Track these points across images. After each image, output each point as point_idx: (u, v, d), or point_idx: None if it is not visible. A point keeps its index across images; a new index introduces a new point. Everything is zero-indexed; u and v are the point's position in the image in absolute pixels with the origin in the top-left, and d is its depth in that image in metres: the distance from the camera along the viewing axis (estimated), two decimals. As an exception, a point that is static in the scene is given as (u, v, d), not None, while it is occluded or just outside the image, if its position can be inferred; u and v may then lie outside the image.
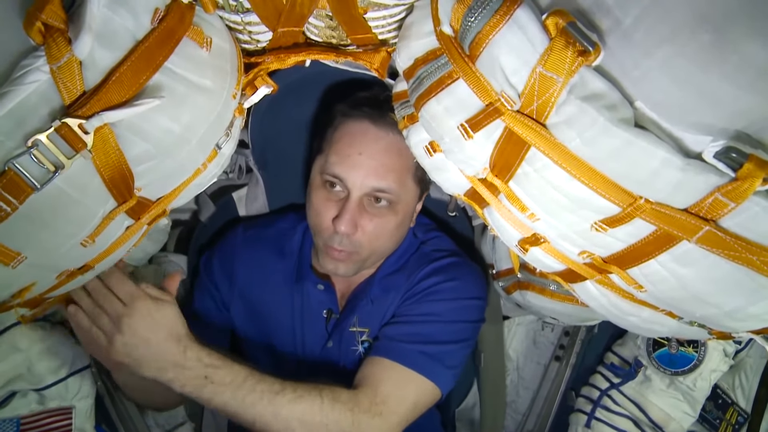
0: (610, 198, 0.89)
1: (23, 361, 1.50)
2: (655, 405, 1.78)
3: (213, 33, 1.03)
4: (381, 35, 1.17)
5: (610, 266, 1.04)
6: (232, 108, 1.12)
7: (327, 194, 1.39)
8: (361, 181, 1.34)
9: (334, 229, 1.37)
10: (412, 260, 1.58)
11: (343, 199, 1.37)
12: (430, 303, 1.49)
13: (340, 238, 1.37)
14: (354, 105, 1.40)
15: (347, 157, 1.35)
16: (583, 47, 0.81)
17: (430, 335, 1.44)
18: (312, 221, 1.44)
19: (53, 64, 0.84)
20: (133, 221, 1.11)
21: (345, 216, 1.34)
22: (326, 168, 1.37)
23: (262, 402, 1.22)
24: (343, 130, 1.39)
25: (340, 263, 1.43)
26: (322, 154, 1.41)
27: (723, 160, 0.81)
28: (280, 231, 1.63)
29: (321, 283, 1.55)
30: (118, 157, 0.93)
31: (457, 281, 1.52)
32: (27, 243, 0.96)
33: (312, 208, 1.42)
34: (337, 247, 1.39)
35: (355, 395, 1.32)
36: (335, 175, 1.35)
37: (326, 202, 1.39)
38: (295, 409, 1.23)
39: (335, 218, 1.36)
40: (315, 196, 1.41)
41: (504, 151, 0.97)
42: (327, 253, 1.42)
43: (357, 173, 1.34)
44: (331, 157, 1.36)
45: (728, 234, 0.85)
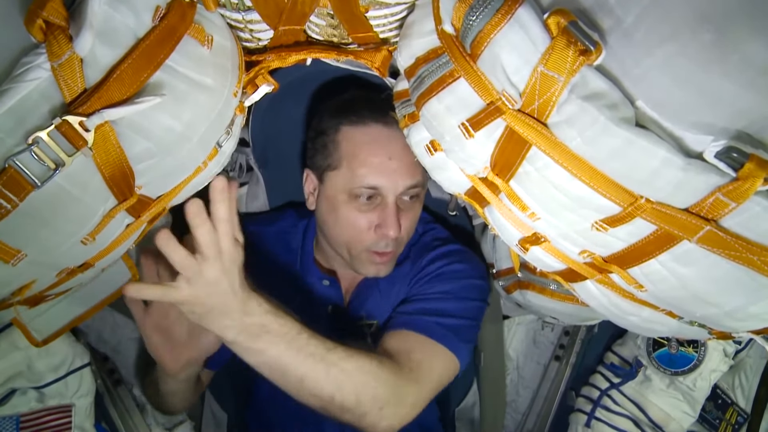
0: (610, 197, 0.89)
1: (23, 359, 1.50)
2: (655, 405, 1.78)
3: (214, 31, 1.03)
4: (382, 34, 1.17)
5: (611, 266, 1.04)
6: (232, 106, 1.12)
7: (359, 206, 1.38)
8: (396, 184, 1.35)
9: (379, 236, 1.38)
10: (414, 250, 1.60)
11: (379, 205, 1.37)
12: (440, 283, 1.52)
13: (387, 242, 1.39)
14: (355, 112, 1.39)
15: (379, 165, 1.34)
16: (585, 46, 0.81)
17: (445, 310, 1.45)
18: (343, 236, 1.43)
19: (54, 62, 0.84)
20: (134, 219, 1.10)
21: (391, 220, 1.35)
22: (356, 182, 1.35)
23: (315, 357, 1.15)
24: (357, 140, 1.37)
25: (384, 265, 1.45)
26: (338, 170, 1.39)
27: (724, 159, 0.81)
28: (281, 229, 1.63)
29: (326, 279, 1.55)
30: (119, 155, 0.93)
31: (462, 264, 1.56)
32: (27, 241, 0.96)
33: (346, 224, 1.41)
34: (384, 250, 1.41)
35: (394, 361, 1.29)
36: (371, 186, 1.35)
37: (361, 214, 1.38)
38: (346, 367, 1.18)
39: (377, 226, 1.37)
40: (347, 212, 1.39)
41: (505, 150, 0.97)
42: (371, 259, 1.43)
43: (393, 178, 1.35)
44: (360, 170, 1.35)
45: (729, 234, 0.85)
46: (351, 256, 1.45)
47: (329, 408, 1.19)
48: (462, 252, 1.61)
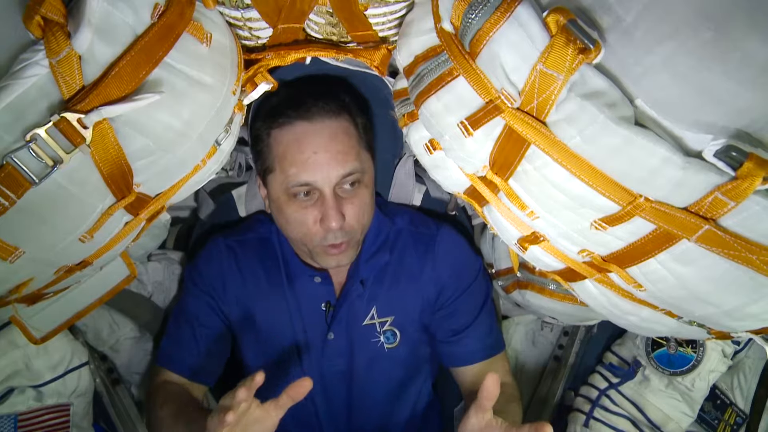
0: (609, 196, 0.89)
1: (21, 358, 1.50)
2: (653, 405, 1.78)
3: (213, 29, 1.03)
4: (381, 32, 1.17)
5: (610, 265, 1.04)
6: (231, 104, 1.12)
7: (300, 204, 1.38)
8: (328, 176, 1.35)
9: (324, 229, 1.38)
10: (402, 239, 1.61)
11: (318, 199, 1.37)
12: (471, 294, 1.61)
13: (334, 233, 1.38)
14: (276, 114, 1.39)
15: (305, 161, 1.34)
16: (584, 45, 0.81)
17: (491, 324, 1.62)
18: (295, 234, 1.43)
19: (52, 58, 0.84)
20: (132, 217, 1.10)
21: (330, 213, 1.35)
22: (290, 181, 1.36)
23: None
24: (283, 142, 1.37)
25: (341, 255, 1.44)
26: (274, 173, 1.40)
27: (723, 158, 0.81)
28: (260, 235, 1.63)
29: (318, 275, 1.55)
30: (117, 153, 0.93)
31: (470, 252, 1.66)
32: (25, 238, 0.96)
33: (291, 222, 1.41)
34: (333, 242, 1.40)
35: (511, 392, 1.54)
36: (303, 183, 1.35)
37: (303, 211, 1.38)
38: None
39: (321, 220, 1.37)
40: (289, 211, 1.40)
41: (504, 149, 0.97)
42: (326, 252, 1.42)
43: (321, 171, 1.34)
44: (290, 170, 1.35)
45: (728, 233, 0.85)
46: (309, 251, 1.46)
47: None
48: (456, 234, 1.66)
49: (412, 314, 1.58)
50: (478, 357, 1.58)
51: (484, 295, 1.63)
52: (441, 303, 1.59)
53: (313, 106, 1.36)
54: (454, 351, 1.59)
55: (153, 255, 1.87)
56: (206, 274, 1.59)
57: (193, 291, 1.59)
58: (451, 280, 1.59)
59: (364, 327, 1.56)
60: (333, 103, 1.40)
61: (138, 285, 1.86)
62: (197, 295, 1.58)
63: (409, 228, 1.63)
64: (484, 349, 1.58)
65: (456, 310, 1.59)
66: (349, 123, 1.41)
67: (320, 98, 1.38)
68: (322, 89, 1.42)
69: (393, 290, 1.57)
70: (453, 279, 1.59)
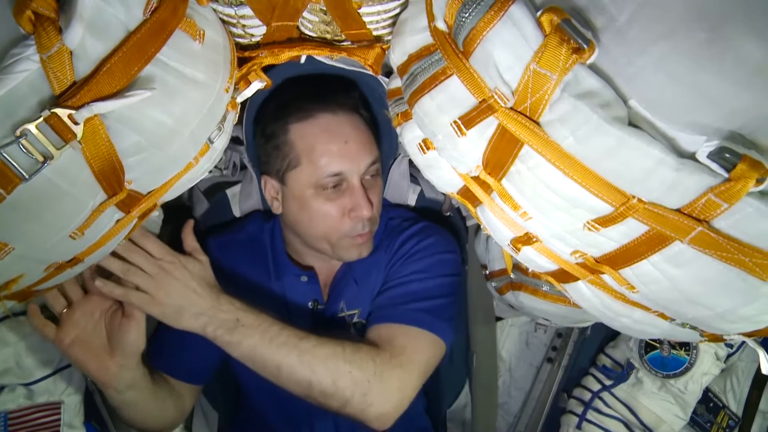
0: (603, 197, 0.89)
1: (12, 356, 1.49)
2: (646, 407, 1.79)
3: (206, 26, 1.02)
4: (375, 31, 1.17)
5: (603, 266, 1.03)
6: (224, 102, 1.11)
7: (328, 196, 1.39)
8: (358, 165, 1.38)
9: (354, 219, 1.40)
10: (384, 236, 1.61)
11: (346, 191, 1.39)
12: (412, 263, 1.53)
13: (363, 222, 1.41)
14: (299, 107, 1.40)
15: (338, 151, 1.37)
16: (578, 44, 0.80)
17: (421, 292, 1.47)
18: (319, 230, 1.44)
19: (43, 54, 0.83)
20: (124, 215, 1.09)
21: (362, 202, 1.38)
22: (320, 173, 1.37)
23: (288, 345, 1.28)
24: (309, 133, 1.38)
25: (364, 246, 1.47)
26: (299, 167, 1.40)
27: (716, 160, 0.80)
28: (250, 234, 1.63)
29: (304, 274, 1.55)
30: (109, 149, 0.92)
31: (431, 238, 1.57)
32: (15, 234, 0.95)
33: (315, 217, 1.42)
34: (363, 232, 1.43)
35: (375, 347, 1.36)
36: (336, 173, 1.37)
37: (330, 203, 1.39)
38: (318, 353, 1.28)
39: (350, 210, 1.39)
40: (318, 205, 1.40)
41: (497, 149, 0.97)
42: (353, 242, 1.44)
43: (354, 160, 1.38)
44: (321, 161, 1.36)
45: (721, 235, 0.85)
46: (332, 246, 1.45)
47: (312, 395, 1.29)
48: (430, 227, 1.62)
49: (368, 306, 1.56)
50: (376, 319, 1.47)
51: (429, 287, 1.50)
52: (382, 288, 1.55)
53: (332, 100, 1.40)
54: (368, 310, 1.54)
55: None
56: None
57: None
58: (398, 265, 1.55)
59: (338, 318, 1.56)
60: (347, 97, 1.44)
61: (131, 283, 1.84)
62: None
63: (392, 225, 1.63)
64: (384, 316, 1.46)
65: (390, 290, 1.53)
66: (360, 116, 1.45)
67: (338, 93, 1.42)
68: (334, 86, 1.44)
69: (362, 284, 1.57)
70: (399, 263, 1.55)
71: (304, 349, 1.28)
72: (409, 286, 1.49)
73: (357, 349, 1.32)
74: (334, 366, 1.28)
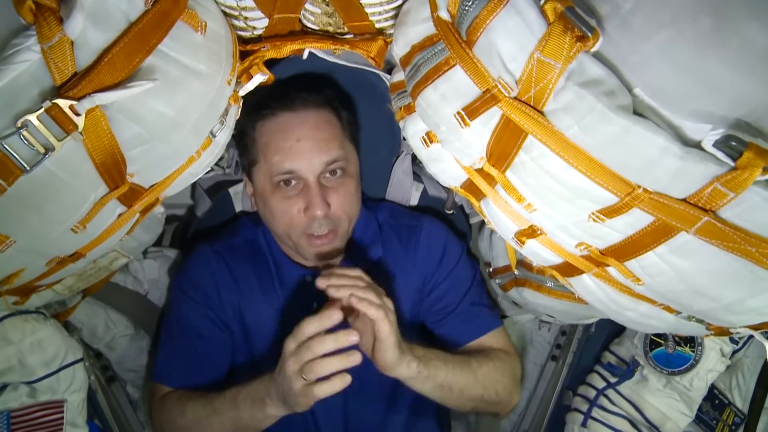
0: (607, 187, 0.88)
1: (14, 354, 1.48)
2: (651, 405, 1.77)
3: (208, 17, 1.02)
4: (378, 24, 1.16)
5: (608, 258, 1.03)
6: (226, 95, 1.11)
7: (284, 193, 1.39)
8: (311, 163, 1.37)
9: (309, 218, 1.38)
10: (384, 233, 1.62)
11: (302, 189, 1.38)
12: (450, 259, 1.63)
13: (318, 222, 1.39)
14: (265, 106, 1.40)
15: (289, 149, 1.36)
16: (582, 33, 0.80)
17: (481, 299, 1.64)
18: (280, 225, 1.43)
19: (44, 44, 0.83)
20: (126, 209, 1.09)
21: (315, 200, 1.36)
22: (273, 170, 1.37)
23: (464, 369, 1.39)
24: (267, 132, 1.39)
25: (326, 245, 1.44)
26: (258, 164, 1.41)
27: (722, 148, 0.80)
28: (246, 238, 1.62)
29: (310, 274, 1.53)
30: (110, 141, 0.92)
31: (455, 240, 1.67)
32: (16, 226, 0.95)
33: (275, 214, 1.42)
34: (318, 232, 1.41)
35: (497, 354, 1.53)
36: (287, 171, 1.36)
37: (287, 201, 1.39)
38: (483, 370, 1.42)
39: (305, 209, 1.38)
40: (274, 201, 1.41)
41: (501, 140, 0.96)
42: (310, 243, 1.43)
43: (305, 158, 1.36)
44: (274, 158, 1.36)
45: (727, 225, 0.84)
46: (294, 244, 1.46)
47: (479, 406, 1.45)
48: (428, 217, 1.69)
49: (401, 309, 1.57)
50: (471, 336, 1.57)
51: (470, 277, 1.65)
52: (427, 290, 1.60)
53: (296, 98, 1.40)
54: (446, 333, 1.59)
55: (149, 252, 1.86)
56: (200, 283, 1.57)
57: (187, 302, 1.56)
58: (434, 266, 1.60)
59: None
60: (316, 94, 1.42)
61: (134, 282, 1.85)
62: (192, 306, 1.56)
63: (390, 221, 1.64)
64: (476, 329, 1.58)
65: (443, 293, 1.60)
66: (331, 114, 1.44)
67: (303, 90, 1.41)
68: (305, 83, 1.44)
69: (382, 285, 1.55)
70: (435, 264, 1.61)
71: (474, 369, 1.40)
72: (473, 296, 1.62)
73: (499, 360, 1.50)
74: (495, 379, 1.44)
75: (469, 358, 1.43)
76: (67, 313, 1.66)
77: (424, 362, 1.27)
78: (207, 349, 1.51)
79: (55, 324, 1.57)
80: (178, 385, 1.51)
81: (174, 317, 1.59)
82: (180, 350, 1.52)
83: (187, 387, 1.50)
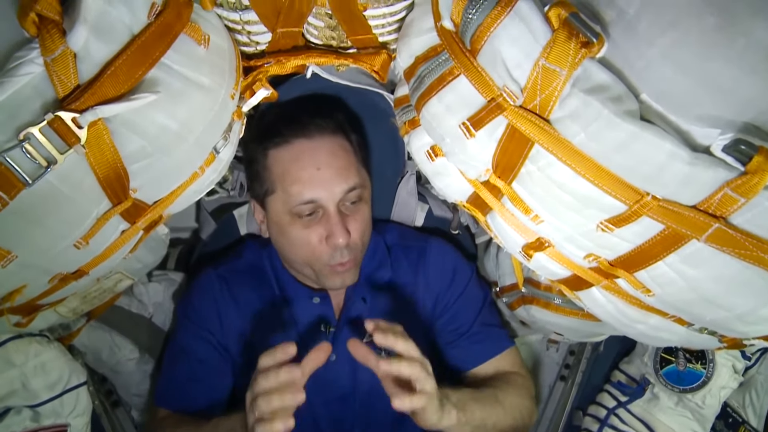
0: (616, 195, 0.87)
1: (18, 377, 1.47)
2: (663, 423, 1.74)
3: (211, 31, 1.02)
4: (381, 37, 1.16)
5: (617, 270, 1.01)
6: (230, 109, 1.10)
7: (304, 223, 1.37)
8: (332, 192, 1.34)
9: (331, 247, 1.37)
10: (393, 255, 1.61)
11: (322, 218, 1.36)
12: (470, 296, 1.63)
13: (341, 251, 1.37)
14: (277, 133, 1.38)
15: (308, 178, 1.34)
16: (587, 38, 0.80)
17: (492, 319, 1.65)
18: (300, 256, 1.42)
19: (47, 57, 0.83)
20: (129, 225, 1.08)
21: (336, 229, 1.35)
22: (293, 201, 1.34)
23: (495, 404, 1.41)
24: (283, 161, 1.37)
25: (347, 273, 1.43)
26: (275, 194, 1.39)
27: (731, 153, 0.79)
28: (250, 261, 1.61)
29: (317, 296, 1.52)
30: (113, 154, 0.91)
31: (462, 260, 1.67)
32: (18, 241, 0.94)
33: (295, 244, 1.40)
34: (341, 261, 1.39)
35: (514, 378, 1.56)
36: (308, 200, 1.34)
37: (307, 231, 1.37)
38: (509, 401, 1.45)
39: (326, 237, 1.36)
40: (293, 232, 1.38)
41: (507, 150, 0.95)
42: (333, 271, 1.41)
43: (325, 187, 1.34)
44: (293, 188, 1.34)
45: (738, 231, 0.83)
46: (315, 273, 1.44)
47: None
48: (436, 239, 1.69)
49: (411, 329, 1.54)
50: (484, 357, 1.57)
51: (481, 297, 1.65)
52: (439, 312, 1.59)
53: (310, 124, 1.36)
54: (459, 355, 1.58)
55: (154, 275, 1.85)
56: (200, 309, 1.56)
57: (189, 327, 1.56)
58: (445, 287, 1.60)
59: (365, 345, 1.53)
60: (329, 120, 1.40)
61: (139, 306, 1.83)
62: (193, 330, 1.55)
63: (398, 243, 1.63)
64: (489, 350, 1.58)
65: (454, 314, 1.59)
66: (344, 140, 1.42)
67: (316, 116, 1.38)
68: (315, 107, 1.42)
69: (392, 306, 1.55)
70: (446, 286, 1.60)
71: (501, 401, 1.42)
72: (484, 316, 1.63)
73: (519, 386, 1.53)
74: (519, 405, 1.47)
75: (494, 391, 1.45)
76: (72, 336, 1.65)
77: (461, 408, 1.26)
78: (206, 373, 1.50)
79: (58, 347, 1.55)
80: (177, 408, 1.50)
81: (177, 341, 1.58)
82: (179, 374, 1.51)
83: (185, 410, 1.49)
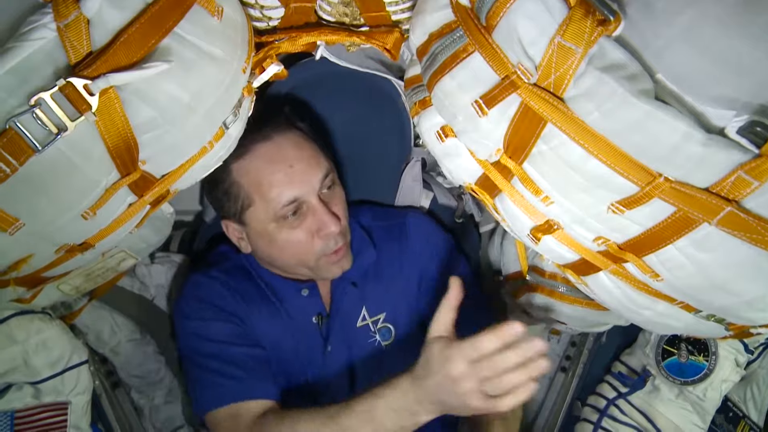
0: (627, 176, 0.87)
1: (20, 354, 1.47)
2: (663, 415, 1.74)
3: (225, 3, 1.01)
4: (394, 15, 1.16)
5: (626, 254, 1.01)
6: (241, 84, 1.09)
7: (290, 225, 1.35)
8: (311, 184, 1.34)
9: (324, 238, 1.36)
10: (376, 236, 1.61)
11: (307, 213, 1.35)
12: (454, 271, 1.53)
13: (335, 238, 1.37)
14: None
15: (285, 178, 1.33)
16: (603, 16, 0.79)
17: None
18: (293, 258, 1.41)
19: (60, 22, 0.83)
20: (137, 198, 1.08)
21: (327, 218, 1.35)
22: (276, 204, 1.33)
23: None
24: (252, 170, 1.34)
25: (344, 259, 1.43)
26: (254, 206, 1.36)
27: (746, 135, 0.79)
28: (235, 263, 1.57)
29: (305, 287, 1.51)
30: (123, 123, 0.91)
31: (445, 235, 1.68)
32: (26, 209, 0.94)
33: (286, 248, 1.39)
34: (336, 248, 1.39)
35: None
36: (291, 200, 1.32)
37: (297, 231, 1.36)
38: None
39: (317, 230, 1.36)
40: (284, 236, 1.37)
41: (519, 129, 0.95)
42: (330, 260, 1.41)
43: (303, 180, 1.33)
44: (272, 193, 1.32)
45: (751, 215, 0.83)
46: (312, 269, 1.43)
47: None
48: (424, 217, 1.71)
49: (401, 306, 1.56)
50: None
51: (462, 268, 1.63)
52: (427, 284, 1.58)
53: (263, 126, 1.34)
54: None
55: (156, 257, 1.85)
56: (218, 302, 1.50)
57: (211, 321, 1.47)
58: (430, 258, 1.60)
59: (358, 330, 1.53)
60: (278, 117, 1.40)
61: (141, 287, 1.84)
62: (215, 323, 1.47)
63: (376, 223, 1.63)
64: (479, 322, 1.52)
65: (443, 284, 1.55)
66: (298, 130, 1.41)
67: (263, 117, 1.35)
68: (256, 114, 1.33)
69: (379, 286, 1.56)
70: (431, 256, 1.60)
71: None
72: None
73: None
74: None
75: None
76: (74, 315, 1.65)
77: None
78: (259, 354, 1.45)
79: (60, 325, 1.56)
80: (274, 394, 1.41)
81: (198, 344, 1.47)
82: (241, 362, 1.42)
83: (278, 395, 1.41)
